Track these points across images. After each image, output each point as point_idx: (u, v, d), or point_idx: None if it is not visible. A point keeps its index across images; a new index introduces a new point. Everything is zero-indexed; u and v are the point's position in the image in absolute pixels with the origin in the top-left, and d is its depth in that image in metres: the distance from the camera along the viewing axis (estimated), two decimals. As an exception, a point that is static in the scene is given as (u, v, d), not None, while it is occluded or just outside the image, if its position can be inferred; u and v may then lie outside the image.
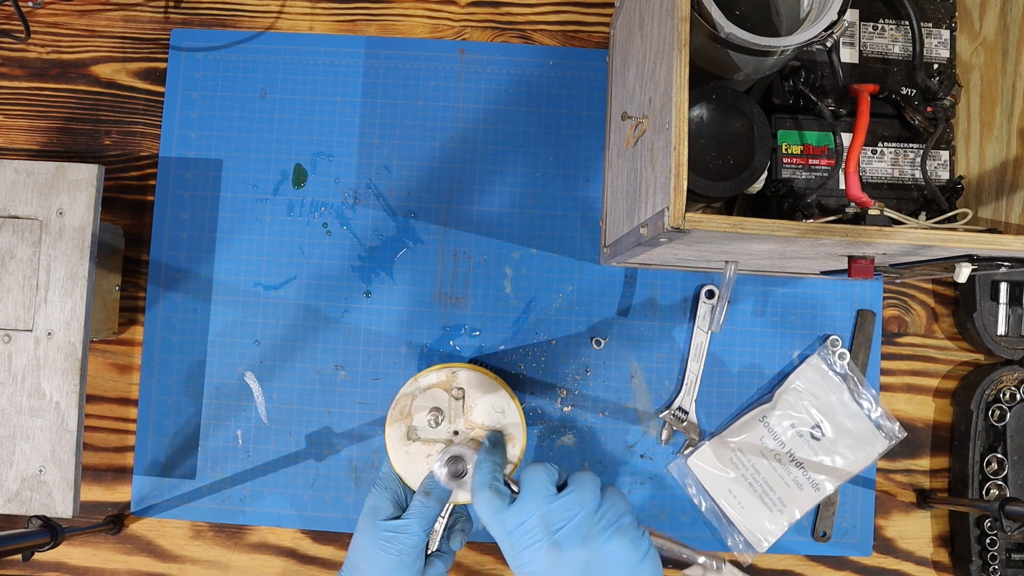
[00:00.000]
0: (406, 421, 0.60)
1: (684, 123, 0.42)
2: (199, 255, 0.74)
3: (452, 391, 0.61)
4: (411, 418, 0.60)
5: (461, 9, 0.76)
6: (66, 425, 0.62)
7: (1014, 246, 0.44)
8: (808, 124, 0.59)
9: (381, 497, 0.59)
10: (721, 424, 0.73)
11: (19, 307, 0.63)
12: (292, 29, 0.76)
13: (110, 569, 0.72)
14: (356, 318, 0.73)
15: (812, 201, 0.57)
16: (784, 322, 0.73)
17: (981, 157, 0.59)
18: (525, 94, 0.75)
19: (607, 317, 0.73)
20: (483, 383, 0.61)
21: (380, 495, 0.59)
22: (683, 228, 0.42)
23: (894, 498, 0.73)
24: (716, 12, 0.48)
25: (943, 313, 0.75)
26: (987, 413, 0.70)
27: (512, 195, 0.74)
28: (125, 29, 0.76)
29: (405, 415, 0.60)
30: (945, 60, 0.60)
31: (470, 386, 0.61)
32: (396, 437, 0.60)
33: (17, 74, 0.76)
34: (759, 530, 0.70)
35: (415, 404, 0.60)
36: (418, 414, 0.60)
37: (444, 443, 0.60)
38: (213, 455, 0.72)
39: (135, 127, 0.75)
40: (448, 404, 0.60)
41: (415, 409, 0.60)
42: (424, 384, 0.61)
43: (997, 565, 0.69)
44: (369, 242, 0.74)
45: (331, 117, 0.75)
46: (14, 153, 0.75)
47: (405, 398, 0.61)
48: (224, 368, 0.73)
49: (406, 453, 0.60)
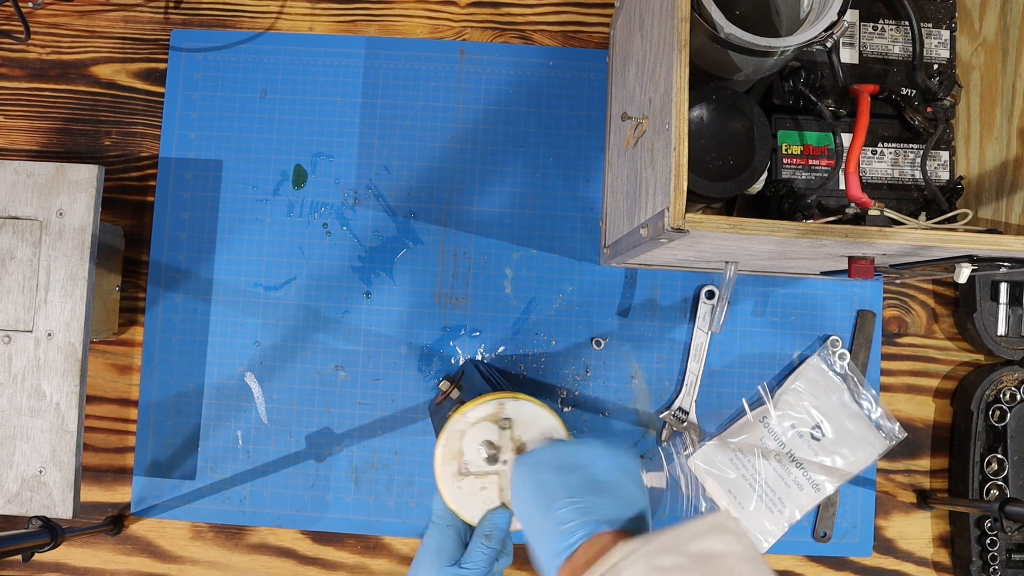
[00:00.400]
0: (457, 458, 0.58)
1: (684, 123, 0.42)
2: (199, 255, 0.74)
3: (500, 422, 0.59)
4: (462, 454, 0.59)
5: (461, 9, 0.76)
6: (66, 426, 0.62)
7: (1014, 246, 0.44)
8: (808, 124, 0.59)
9: (445, 536, 0.57)
10: (721, 424, 0.73)
11: (19, 308, 0.63)
12: (292, 29, 0.76)
13: (110, 570, 0.72)
14: (356, 318, 0.73)
15: (812, 201, 0.57)
16: (784, 322, 0.73)
17: (981, 157, 0.59)
18: (525, 94, 0.75)
19: (607, 317, 0.73)
20: (531, 412, 0.59)
21: (444, 534, 0.57)
22: (683, 228, 0.42)
23: (894, 498, 0.73)
24: (716, 12, 0.48)
25: (943, 313, 0.75)
26: (987, 413, 0.70)
27: (512, 195, 0.74)
28: (125, 30, 0.76)
29: (456, 453, 0.59)
30: (945, 60, 0.60)
31: (519, 416, 0.59)
32: (448, 474, 0.58)
33: (17, 74, 0.76)
34: (759, 530, 0.70)
35: (466, 440, 0.59)
36: (468, 448, 0.58)
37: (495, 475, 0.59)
38: (213, 455, 0.72)
39: (135, 128, 0.75)
40: (498, 435, 0.59)
41: (465, 444, 0.59)
42: (473, 419, 0.59)
43: (997, 565, 0.69)
44: (369, 242, 0.74)
45: (331, 117, 0.75)
46: (14, 154, 0.75)
47: (454, 433, 0.59)
48: (224, 368, 0.73)
49: (459, 488, 0.58)
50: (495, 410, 0.59)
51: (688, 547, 0.42)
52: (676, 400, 0.72)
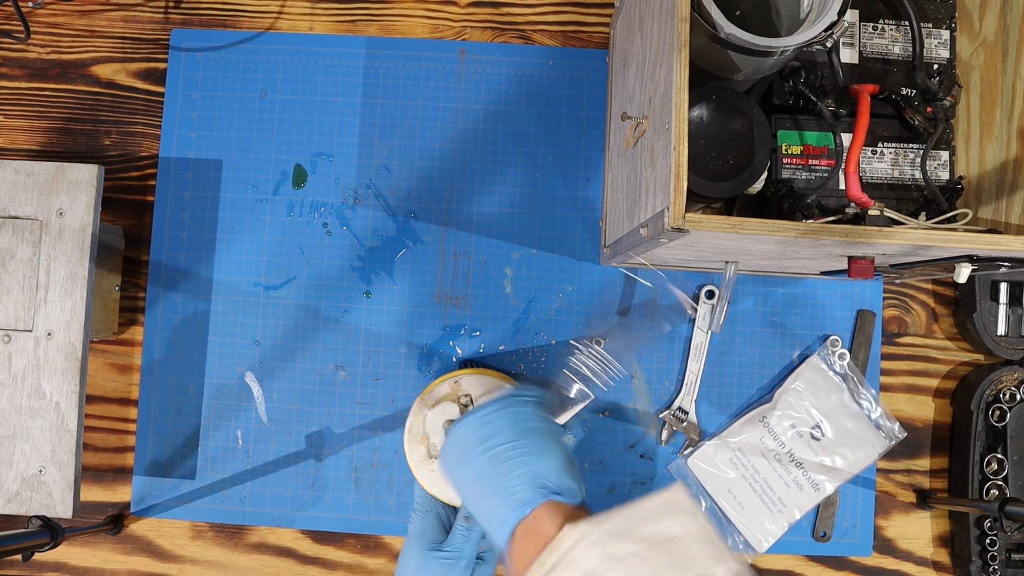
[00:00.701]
0: (423, 440, 0.60)
1: (684, 123, 0.42)
2: (199, 255, 0.74)
3: (460, 399, 0.60)
4: (427, 437, 0.60)
5: (461, 9, 0.76)
6: (66, 425, 0.62)
7: (1014, 246, 0.44)
8: (808, 124, 0.59)
9: (426, 522, 0.58)
10: (721, 424, 0.73)
11: (19, 307, 0.63)
12: (292, 29, 0.76)
13: (110, 569, 0.72)
14: (356, 318, 0.73)
15: (812, 201, 0.57)
16: (784, 322, 0.73)
17: (981, 157, 0.59)
18: (525, 94, 0.75)
19: (607, 317, 0.73)
20: (486, 384, 0.61)
21: (424, 519, 0.58)
22: (683, 228, 0.42)
23: (894, 498, 0.73)
24: (716, 12, 0.48)
25: (943, 313, 0.75)
26: (987, 413, 0.70)
27: (512, 195, 0.74)
28: (125, 29, 0.76)
29: (421, 436, 0.60)
30: (945, 60, 0.60)
31: (476, 390, 0.61)
32: (418, 459, 0.60)
33: (17, 74, 0.76)
34: (759, 530, 0.70)
35: (428, 422, 0.60)
36: (433, 430, 0.60)
37: None
38: (213, 455, 0.72)
39: (135, 127, 0.75)
40: (459, 414, 0.60)
41: (429, 427, 0.60)
42: (431, 401, 0.60)
43: (997, 565, 0.69)
44: (369, 242, 0.74)
45: (331, 117, 0.75)
46: (14, 153, 0.75)
47: (416, 419, 0.60)
48: (224, 368, 0.73)
49: (432, 471, 0.59)
50: (452, 388, 0.60)
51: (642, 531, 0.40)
52: (676, 400, 0.72)
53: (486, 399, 0.58)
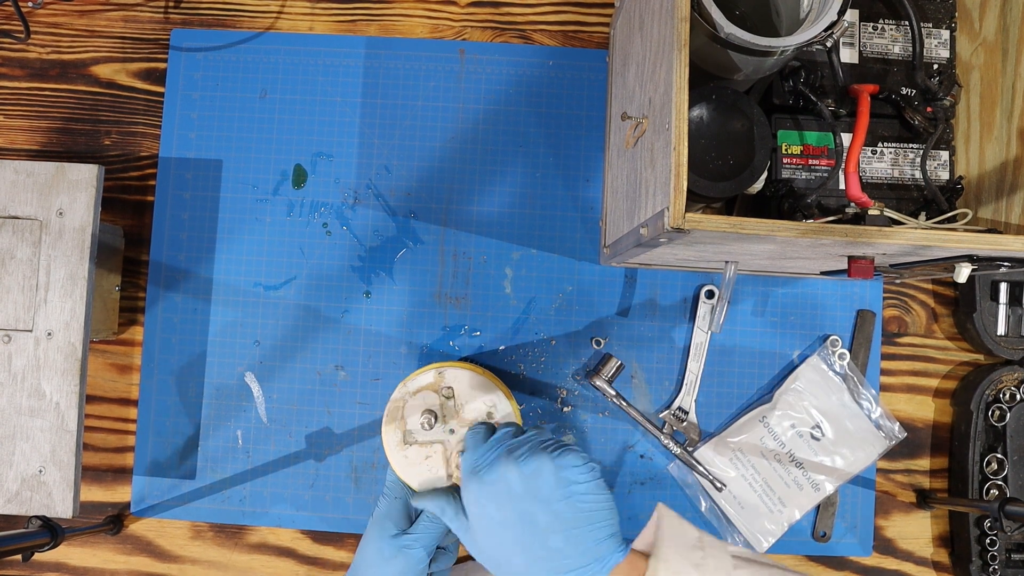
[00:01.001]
0: (400, 426, 0.60)
1: (684, 123, 0.42)
2: (199, 255, 0.74)
3: (442, 391, 0.61)
4: (405, 422, 0.60)
5: (461, 9, 0.76)
6: (66, 425, 0.62)
7: (1014, 246, 0.44)
8: (808, 124, 0.59)
9: (392, 507, 0.59)
10: (721, 424, 0.73)
11: (19, 307, 0.63)
12: (292, 29, 0.76)
13: (110, 569, 0.72)
14: (356, 318, 0.73)
15: (812, 201, 0.57)
16: (784, 322, 0.73)
17: (981, 157, 0.59)
18: (525, 94, 0.75)
19: (607, 317, 0.73)
20: (472, 380, 0.61)
21: (391, 504, 0.59)
22: (683, 228, 0.42)
23: (894, 498, 0.73)
24: (716, 12, 0.48)
25: (943, 313, 0.75)
26: (987, 413, 0.70)
27: (512, 195, 0.74)
28: (125, 29, 0.76)
29: (399, 420, 0.61)
30: (945, 60, 0.60)
31: (459, 384, 0.61)
32: (393, 443, 0.60)
33: (17, 74, 0.76)
34: (759, 530, 0.70)
35: (407, 408, 0.61)
36: (411, 418, 0.60)
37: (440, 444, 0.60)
38: (213, 455, 0.72)
39: (135, 127, 0.75)
40: (439, 405, 0.61)
41: (408, 413, 0.61)
42: (413, 388, 0.61)
43: (997, 565, 0.69)
44: (369, 242, 0.74)
45: (331, 117, 0.75)
46: (14, 153, 0.75)
47: (396, 403, 0.61)
48: (224, 368, 0.73)
49: (404, 458, 0.60)
50: (435, 379, 0.61)
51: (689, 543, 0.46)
52: (676, 400, 0.72)
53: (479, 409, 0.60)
